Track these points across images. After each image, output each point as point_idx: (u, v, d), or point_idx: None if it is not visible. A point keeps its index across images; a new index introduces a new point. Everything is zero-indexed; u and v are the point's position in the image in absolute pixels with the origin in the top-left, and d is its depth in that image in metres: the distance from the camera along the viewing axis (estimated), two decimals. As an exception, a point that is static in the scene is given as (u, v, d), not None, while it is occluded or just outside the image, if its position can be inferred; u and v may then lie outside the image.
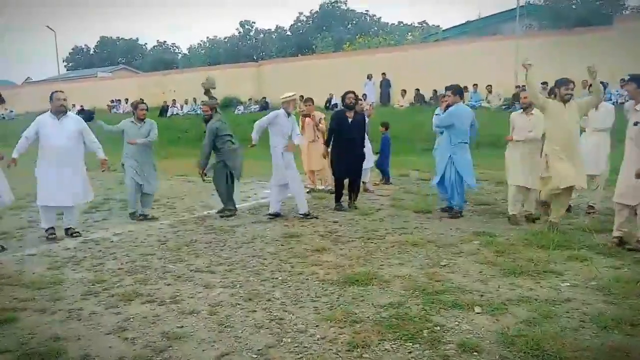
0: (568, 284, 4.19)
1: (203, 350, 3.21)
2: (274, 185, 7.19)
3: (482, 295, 3.98)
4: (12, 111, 29.94)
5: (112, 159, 6.77)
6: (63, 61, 58.15)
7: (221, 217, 7.15)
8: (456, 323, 3.49)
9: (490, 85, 19.16)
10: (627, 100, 5.72)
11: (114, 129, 7.19)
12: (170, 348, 3.24)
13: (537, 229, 5.93)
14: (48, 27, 34.05)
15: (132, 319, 3.69)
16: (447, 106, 7.11)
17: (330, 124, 7.55)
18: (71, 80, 37.91)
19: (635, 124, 5.05)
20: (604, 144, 6.84)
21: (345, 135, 7.31)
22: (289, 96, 7.15)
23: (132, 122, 7.20)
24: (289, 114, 7.13)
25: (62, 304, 4.03)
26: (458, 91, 6.95)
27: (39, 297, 4.18)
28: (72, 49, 60.88)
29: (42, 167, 6.01)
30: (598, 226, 6.02)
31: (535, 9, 23.72)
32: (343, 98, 7.60)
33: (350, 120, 7.36)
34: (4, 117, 28.57)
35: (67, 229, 6.32)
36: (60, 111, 6.04)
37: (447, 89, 7.04)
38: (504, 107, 17.44)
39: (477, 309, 3.70)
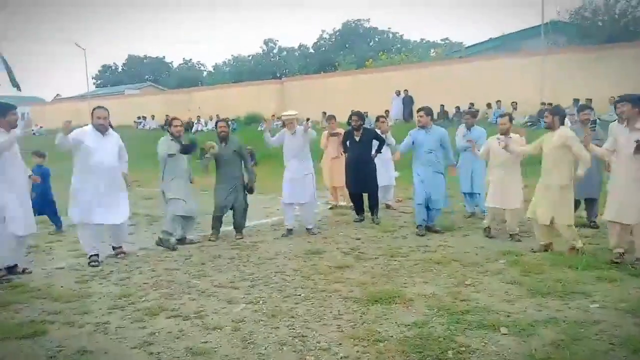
0: (597, 305, 4.09)
1: (227, 367, 3.23)
2: (282, 202, 7.30)
3: (508, 316, 3.91)
4: (41, 127, 30.84)
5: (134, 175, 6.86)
6: (92, 78, 59.87)
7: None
8: (482, 344, 3.43)
9: (515, 102, 18.98)
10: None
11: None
12: (195, 363, 3.27)
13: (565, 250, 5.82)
14: (77, 45, 35.10)
15: (157, 334, 3.74)
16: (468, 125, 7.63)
17: (343, 142, 8.16)
18: (99, 97, 38.90)
19: (637, 141, 4.96)
20: None
21: (352, 153, 7.89)
22: (288, 115, 7.24)
23: (172, 140, 6.59)
24: (292, 133, 7.16)
25: (89, 317, 4.11)
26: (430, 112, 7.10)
27: (67, 310, 4.27)
28: (101, 66, 62.65)
29: (84, 180, 5.69)
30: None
31: (560, 26, 23.55)
32: (349, 118, 8.02)
33: (357, 138, 7.81)
34: (34, 133, 29.41)
35: (115, 248, 6.13)
36: (100, 130, 5.81)
37: (419, 109, 7.15)
38: (529, 124, 17.25)
39: (504, 330, 3.64)
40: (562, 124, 5.78)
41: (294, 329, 3.79)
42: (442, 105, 20.63)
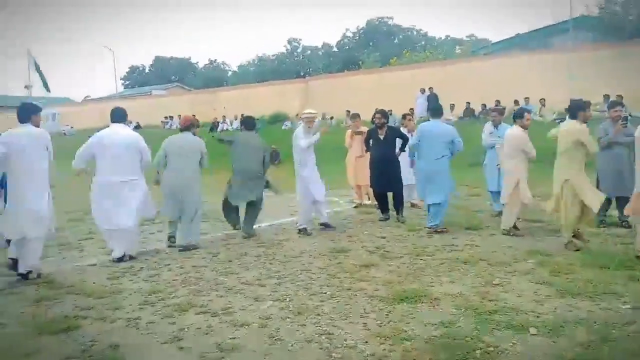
0: (629, 306, 4.00)
1: (255, 363, 3.27)
2: (298, 200, 7.32)
3: (537, 316, 3.85)
4: (72, 127, 31.59)
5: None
6: (120, 79, 61.09)
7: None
8: (510, 344, 3.40)
9: (544, 99, 18.62)
10: None
11: None
12: (223, 359, 3.32)
13: (597, 249, 5.71)
14: (107, 47, 35.89)
15: (186, 329, 3.81)
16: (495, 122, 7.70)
17: (365, 140, 8.15)
18: (127, 98, 39.66)
19: None
20: None
21: (376, 151, 7.85)
22: (309, 114, 7.26)
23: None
24: (308, 132, 7.15)
25: (120, 313, 4.21)
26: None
27: (99, 305, 4.38)
28: (129, 67, 63.87)
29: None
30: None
31: (589, 21, 23.01)
32: (372, 117, 7.82)
33: (381, 137, 7.78)
34: (64, 134, 30.15)
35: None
36: None
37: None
38: (557, 120, 16.89)
39: (533, 330, 3.59)
40: (575, 117, 5.81)
41: (320, 326, 3.81)
42: (468, 103, 20.40)
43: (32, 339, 3.70)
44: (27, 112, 5.35)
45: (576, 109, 5.89)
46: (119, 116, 6.13)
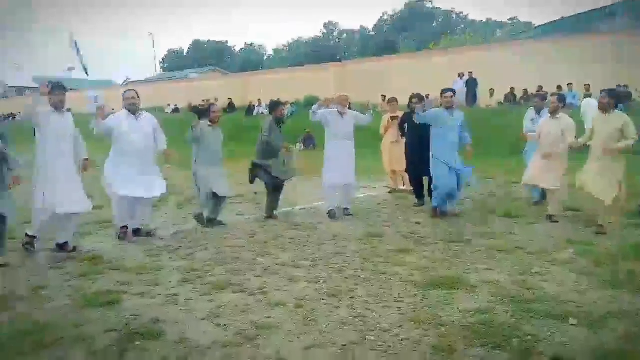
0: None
1: (290, 342, 3.32)
2: (325, 184, 7.32)
3: (578, 307, 3.76)
4: (113, 109, 32.32)
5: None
6: (160, 62, 62.13)
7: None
8: (549, 334, 3.34)
9: (589, 85, 17.93)
10: None
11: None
12: (259, 337, 3.39)
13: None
14: (149, 33, 36.47)
15: (223, 307, 3.89)
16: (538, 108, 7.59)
17: (400, 125, 8.17)
18: (166, 81, 40.35)
19: None
20: None
21: (412, 137, 7.80)
22: (342, 95, 7.28)
23: (209, 126, 6.71)
24: (342, 114, 7.14)
25: (160, 289, 4.33)
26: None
27: (139, 282, 4.52)
28: (167, 51, 64.85)
29: (118, 161, 5.94)
30: None
31: (636, 5, 21.91)
32: (409, 101, 7.92)
33: (417, 122, 7.46)
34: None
35: (136, 230, 6.19)
36: (132, 110, 6.02)
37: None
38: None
39: (573, 321, 3.51)
40: (616, 107, 5.88)
41: (354, 309, 3.83)
42: (513, 88, 19.86)
43: (78, 312, 3.85)
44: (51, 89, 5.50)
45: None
46: None
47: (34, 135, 5.55)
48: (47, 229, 5.55)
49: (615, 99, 6.01)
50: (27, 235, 5.55)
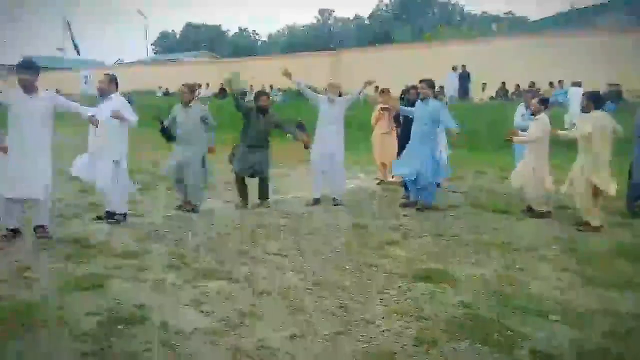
0: (657, 299, 3.92)
1: (274, 330, 3.33)
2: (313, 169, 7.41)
3: (560, 304, 3.81)
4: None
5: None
6: (151, 45, 61.39)
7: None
8: (531, 329, 3.38)
9: (580, 82, 18.01)
10: None
11: None
12: (243, 325, 3.40)
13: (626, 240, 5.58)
14: (139, 11, 36.02)
15: (208, 294, 3.89)
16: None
17: (396, 117, 8.07)
18: (157, 64, 39.91)
19: None
20: None
21: (405, 128, 7.67)
22: (333, 81, 7.37)
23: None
24: (332, 100, 7.18)
25: (146, 274, 4.32)
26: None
27: (125, 266, 4.50)
28: (159, 33, 64.07)
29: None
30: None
31: (634, 1, 21.99)
32: (402, 93, 7.80)
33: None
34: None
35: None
36: (101, 93, 6.06)
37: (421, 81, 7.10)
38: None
39: (554, 317, 3.56)
40: (598, 108, 5.98)
41: (339, 299, 3.85)
42: (504, 83, 19.88)
43: (63, 294, 3.83)
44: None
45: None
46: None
47: None
48: (5, 213, 5.22)
49: (597, 102, 6.09)
50: None
